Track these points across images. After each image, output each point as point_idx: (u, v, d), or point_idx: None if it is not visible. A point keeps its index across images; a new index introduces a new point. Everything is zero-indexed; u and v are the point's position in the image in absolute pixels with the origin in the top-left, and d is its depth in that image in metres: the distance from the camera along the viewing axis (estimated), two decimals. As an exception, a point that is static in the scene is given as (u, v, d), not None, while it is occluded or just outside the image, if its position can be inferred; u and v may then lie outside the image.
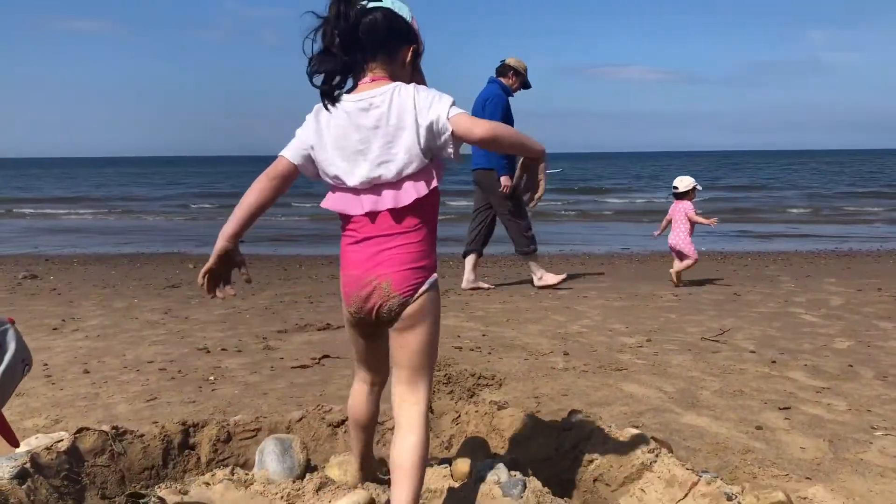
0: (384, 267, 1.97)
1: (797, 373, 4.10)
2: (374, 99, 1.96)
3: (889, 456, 2.87)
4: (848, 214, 20.04)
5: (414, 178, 1.97)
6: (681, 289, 7.28)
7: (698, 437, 3.08)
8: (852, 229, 16.04)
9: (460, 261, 7.89)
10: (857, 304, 6.33)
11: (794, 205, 22.90)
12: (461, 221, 17.90)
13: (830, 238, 13.97)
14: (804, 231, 15.63)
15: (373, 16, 1.95)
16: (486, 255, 8.17)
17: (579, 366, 4.23)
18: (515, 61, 7.31)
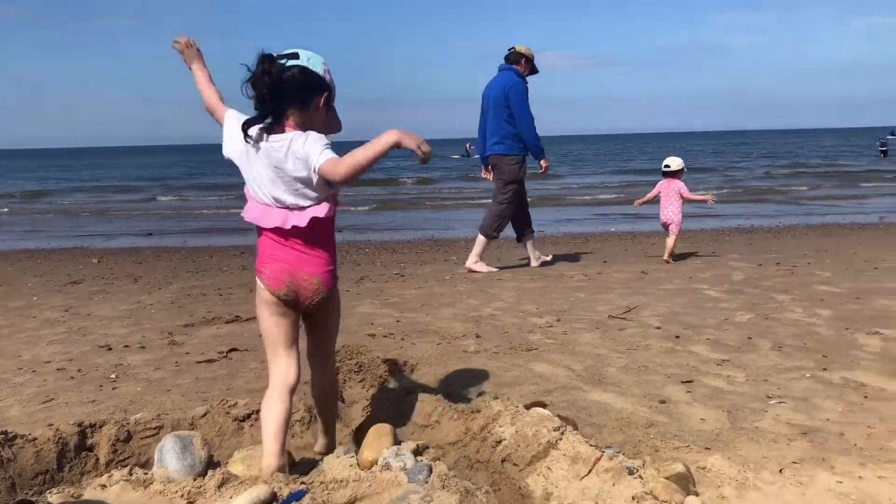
0: (313, 267, 2.47)
1: (700, 347, 4.23)
2: (279, 144, 2.39)
3: (782, 423, 2.99)
4: (754, 193, 20.85)
5: (314, 205, 2.42)
6: (590, 269, 7.43)
7: (604, 413, 3.14)
8: (756, 207, 16.69)
9: (375, 247, 7.84)
10: (758, 278, 6.59)
11: (704, 183, 23.70)
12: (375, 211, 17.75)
13: (736, 216, 14.51)
14: (712, 210, 16.18)
15: (291, 73, 2.38)
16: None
17: (491, 348, 4.25)
18: (526, 49, 7.40)
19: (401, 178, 30.38)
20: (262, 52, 2.39)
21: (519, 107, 7.15)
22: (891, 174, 26.18)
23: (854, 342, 4.24)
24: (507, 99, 7.12)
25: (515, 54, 7.38)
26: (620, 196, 20.57)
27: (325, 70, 2.46)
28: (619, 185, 25.31)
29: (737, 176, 27.79)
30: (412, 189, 25.71)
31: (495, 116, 7.23)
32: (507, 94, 7.12)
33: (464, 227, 13.68)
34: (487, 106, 7.35)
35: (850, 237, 10.04)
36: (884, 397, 3.29)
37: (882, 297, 5.48)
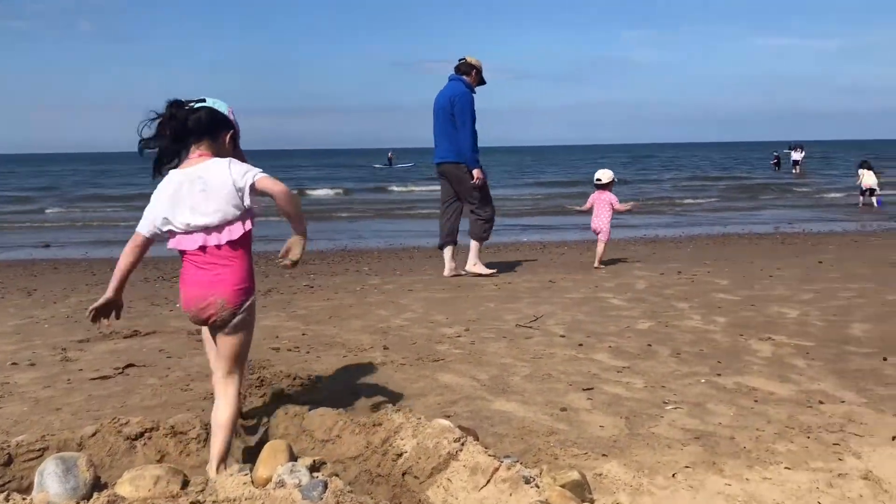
0: (219, 287, 2.62)
1: (602, 354, 4.32)
2: (199, 171, 2.63)
3: (676, 428, 3.08)
4: (660, 204, 21.51)
5: (231, 224, 2.63)
6: (499, 278, 7.50)
7: (506, 422, 3.16)
8: (660, 218, 17.22)
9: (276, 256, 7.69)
10: (660, 286, 6.79)
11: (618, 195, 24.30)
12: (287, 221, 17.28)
13: (642, 226, 14.93)
14: (619, 220, 16.60)
15: (198, 114, 2.70)
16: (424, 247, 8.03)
17: (398, 359, 4.23)
18: (475, 60, 7.56)
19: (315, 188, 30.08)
20: (170, 99, 2.70)
21: (461, 116, 7.31)
22: (783, 186, 27.48)
23: (747, 348, 4.42)
24: (452, 107, 7.29)
25: (466, 65, 7.53)
26: (532, 207, 20.92)
27: (230, 111, 2.80)
28: (532, 196, 25.72)
29: (645, 189, 28.65)
30: (326, 199, 25.47)
31: (444, 125, 7.40)
32: (453, 103, 7.29)
33: (377, 237, 13.63)
34: (435, 115, 7.53)
35: (747, 247, 10.47)
36: (772, 401, 3.43)
37: (775, 304, 5.73)
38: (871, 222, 14.78)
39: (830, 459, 2.71)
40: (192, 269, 2.66)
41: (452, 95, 7.34)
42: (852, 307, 5.58)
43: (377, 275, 8.10)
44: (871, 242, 10.53)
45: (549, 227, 15.17)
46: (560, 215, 17.59)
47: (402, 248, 11.73)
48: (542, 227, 15.46)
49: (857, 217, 16.16)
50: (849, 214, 16.85)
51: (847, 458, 2.72)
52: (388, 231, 14.97)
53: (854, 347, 4.39)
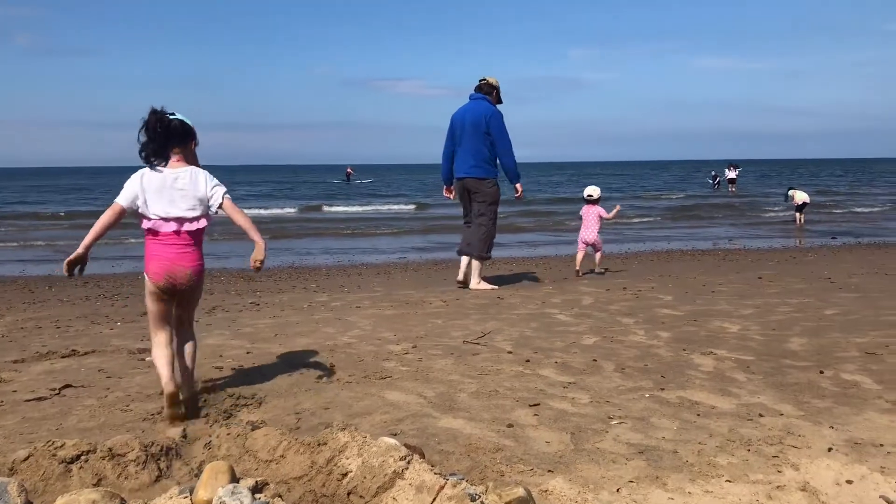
0: (187, 262, 3.52)
1: (548, 370, 4.35)
2: (180, 174, 3.51)
3: (621, 443, 3.10)
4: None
5: (198, 218, 3.54)
6: (449, 294, 7.51)
7: (453, 439, 3.15)
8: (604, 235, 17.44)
9: (231, 275, 7.60)
10: (605, 302, 6.87)
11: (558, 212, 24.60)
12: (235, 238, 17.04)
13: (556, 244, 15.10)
14: (566, 238, 16.80)
15: (175, 123, 3.50)
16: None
17: (344, 377, 4.19)
18: (495, 80, 7.87)
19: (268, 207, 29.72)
20: (153, 108, 3.47)
21: (500, 135, 7.63)
22: (724, 203, 28.15)
23: (690, 362, 4.49)
24: (488, 126, 7.58)
25: (488, 85, 7.80)
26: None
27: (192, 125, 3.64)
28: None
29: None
30: (276, 216, 25.18)
31: (473, 142, 7.64)
32: (488, 123, 7.59)
33: (325, 255, 13.54)
34: (462, 131, 7.72)
35: (690, 263, 10.69)
36: (714, 414, 3.48)
37: (717, 319, 5.85)
38: (809, 238, 15.23)
39: (770, 472, 2.76)
40: (161, 247, 3.50)
41: (487, 115, 7.60)
42: (790, 321, 5.72)
43: (325, 292, 8.03)
44: (807, 259, 10.85)
45: (500, 245, 15.26)
46: (513, 233, 17.72)
47: (350, 264, 11.67)
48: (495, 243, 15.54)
49: (795, 234, 16.64)
50: (786, 231, 17.34)
51: (786, 470, 2.78)
52: (336, 249, 14.88)
53: (792, 361, 4.50)
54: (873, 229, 17.51)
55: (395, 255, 13.13)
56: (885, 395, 3.76)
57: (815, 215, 20.81)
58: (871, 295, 6.97)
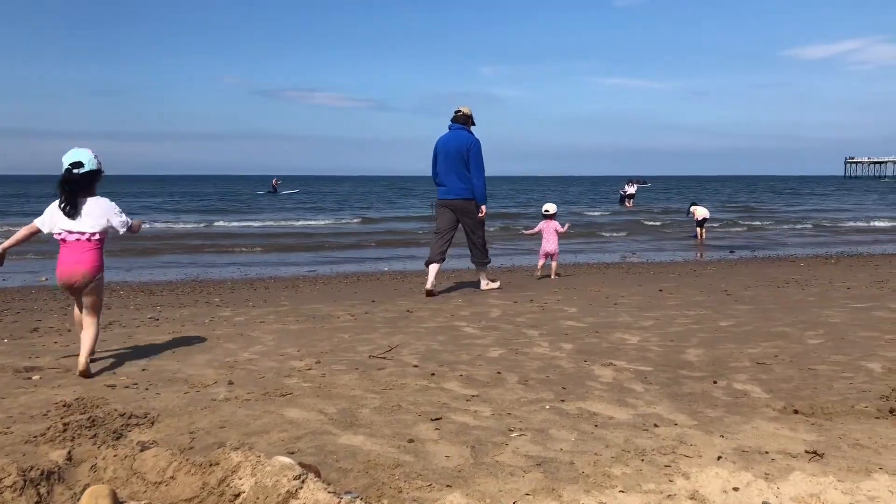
0: (85, 266, 4.55)
1: (452, 383, 4.35)
2: (89, 207, 4.60)
3: (520, 455, 3.12)
4: (514, 234, 22.11)
5: (101, 233, 4.61)
6: (357, 308, 7.44)
7: (352, 456, 3.10)
8: (515, 247, 17.70)
9: (132, 288, 7.32)
10: (512, 314, 6.94)
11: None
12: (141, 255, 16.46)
13: (499, 255, 15.28)
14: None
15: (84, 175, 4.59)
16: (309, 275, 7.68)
17: (243, 395, 4.08)
18: (468, 110, 8.88)
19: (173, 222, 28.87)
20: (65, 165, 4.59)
21: (477, 161, 8.67)
22: (629, 219, 29.01)
23: (590, 374, 4.57)
24: (469, 154, 8.61)
25: (464, 116, 8.83)
26: (393, 238, 20.98)
27: (95, 156, 4.68)
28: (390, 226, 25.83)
29: (503, 221, 29.41)
30: (183, 229, 24.47)
31: (458, 167, 8.67)
32: (469, 151, 8.61)
33: (231, 269, 13.23)
34: (447, 157, 8.70)
35: (595, 275, 10.93)
36: (611, 425, 3.55)
37: (618, 331, 5.99)
38: (708, 252, 15.83)
39: (662, 481, 2.82)
40: (68, 253, 4.59)
41: (468, 143, 8.64)
42: (688, 333, 5.91)
43: (228, 306, 7.83)
44: (706, 272, 11.25)
45: (410, 257, 15.26)
46: (412, 245, 17.74)
47: (257, 278, 11.43)
48: (403, 257, 15.53)
49: (695, 248, 17.26)
50: (687, 246, 17.97)
51: (677, 479, 2.85)
52: (244, 261, 14.57)
53: (688, 371, 4.64)
54: (768, 244, 18.35)
55: (305, 269, 12.94)
56: (772, 403, 3.91)
57: (715, 231, 21.67)
58: (763, 307, 7.28)
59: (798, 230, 23.66)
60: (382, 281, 10.75)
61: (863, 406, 3.81)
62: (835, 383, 4.30)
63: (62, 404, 3.83)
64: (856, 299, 7.71)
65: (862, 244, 17.59)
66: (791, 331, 5.94)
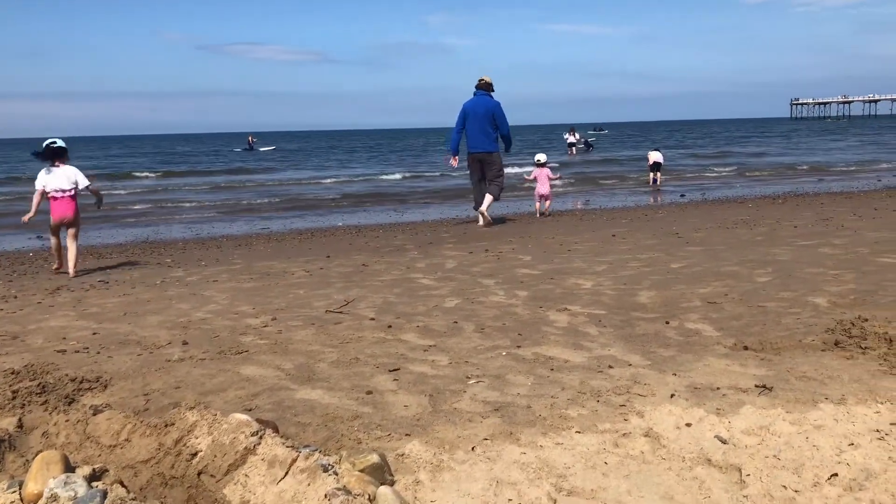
0: (70, 211, 7.31)
1: (410, 334, 4.35)
2: (65, 170, 7.35)
3: (478, 402, 3.15)
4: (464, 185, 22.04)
5: (74, 189, 7.39)
6: (313, 264, 7.38)
7: (310, 410, 3.10)
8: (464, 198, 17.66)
9: (81, 252, 7.15)
10: (468, 265, 6.96)
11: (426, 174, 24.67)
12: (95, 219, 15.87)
13: (453, 207, 15.27)
14: (432, 203, 16.89)
15: (61, 147, 7.46)
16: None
17: (198, 354, 4.04)
18: (489, 78, 10.74)
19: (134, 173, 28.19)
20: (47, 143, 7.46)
21: (502, 120, 10.67)
22: (581, 167, 29.15)
23: (546, 319, 4.62)
24: (494, 116, 10.53)
25: (487, 84, 10.71)
26: (342, 194, 20.79)
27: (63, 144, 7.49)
28: (345, 180, 25.57)
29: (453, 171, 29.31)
30: (139, 186, 23.86)
31: (483, 126, 10.54)
32: (494, 113, 10.53)
33: (185, 229, 13.00)
34: (474, 118, 10.56)
35: (548, 223, 10.98)
36: (566, 368, 3.60)
37: (572, 277, 6.04)
38: (661, 196, 16.02)
39: (617, 421, 2.88)
40: (57, 204, 7.25)
41: (492, 107, 10.55)
42: (640, 276, 6.00)
43: (180, 266, 7.71)
44: (658, 216, 11.39)
45: (364, 210, 15.16)
46: (371, 201, 17.61)
47: (209, 237, 11.25)
48: (358, 210, 15.42)
49: (647, 192, 17.45)
50: (638, 191, 18.15)
51: (632, 418, 2.90)
52: (196, 219, 14.31)
53: (640, 314, 4.71)
54: (720, 185, 18.63)
55: (258, 226, 12.77)
56: (722, 341, 4.00)
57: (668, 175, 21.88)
58: (713, 248, 7.41)
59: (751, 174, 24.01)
60: (337, 236, 10.66)
61: (809, 340, 3.92)
62: (783, 319, 4.41)
63: (10, 372, 3.74)
64: (802, 237, 7.89)
65: (807, 183, 17.96)
66: (740, 270, 6.06)
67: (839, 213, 10.28)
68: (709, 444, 2.62)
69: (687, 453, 2.57)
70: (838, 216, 9.78)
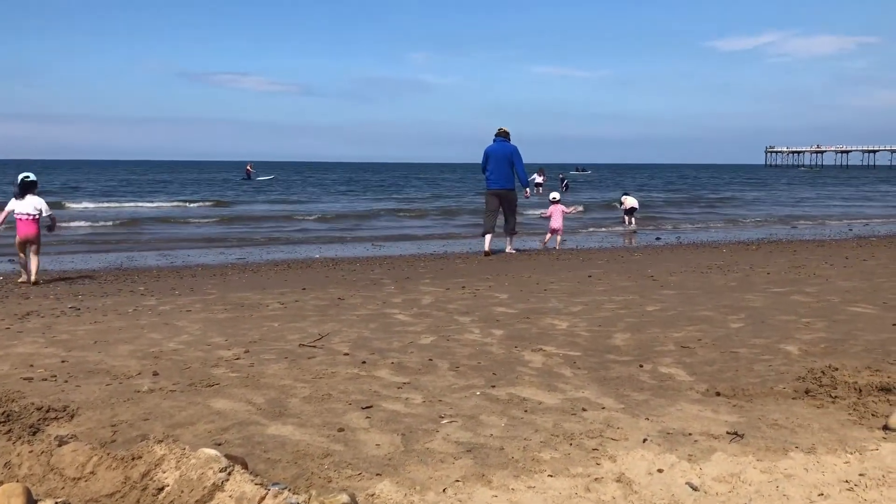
0: (33, 231, 8.96)
1: (384, 371, 4.33)
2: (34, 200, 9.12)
3: (450, 442, 3.13)
4: (447, 216, 22.16)
5: (37, 214, 9.06)
6: (287, 296, 7.34)
7: (280, 447, 3.06)
8: (448, 227, 17.73)
9: (52, 277, 7.04)
10: (445, 301, 6.96)
11: (402, 210, 24.73)
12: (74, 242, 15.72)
13: (431, 243, 15.28)
14: (409, 233, 16.91)
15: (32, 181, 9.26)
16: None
17: (168, 386, 3.98)
18: (508, 129, 12.39)
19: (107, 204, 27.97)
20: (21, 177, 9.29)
21: (520, 163, 12.26)
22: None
23: (520, 359, 4.62)
24: (512, 159, 12.14)
25: (505, 133, 12.36)
26: (320, 224, 20.77)
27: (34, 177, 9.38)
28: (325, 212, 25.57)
29: (439, 204, 29.43)
30: (118, 215, 23.67)
31: (504, 168, 12.18)
32: (512, 157, 12.16)
33: (160, 257, 12.89)
34: (497, 160, 12.15)
35: (525, 262, 11.03)
36: (541, 410, 3.59)
37: (548, 317, 6.06)
38: (638, 236, 16.16)
39: (589, 465, 2.87)
40: (23, 224, 8.85)
41: (511, 151, 12.17)
42: (615, 318, 6.03)
43: (153, 295, 7.63)
44: (634, 258, 11.48)
45: (343, 241, 15.14)
46: (342, 229, 17.59)
47: (184, 265, 11.16)
48: (336, 241, 15.39)
49: (623, 234, 17.61)
50: (615, 232, 18.31)
51: (604, 462, 2.90)
52: (169, 248, 14.20)
53: (615, 356, 4.73)
54: (695, 230, 18.84)
55: (233, 256, 12.70)
56: (695, 386, 4.02)
57: (645, 219, 22.11)
58: (688, 292, 7.47)
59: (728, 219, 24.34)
60: (314, 268, 10.62)
61: (781, 387, 3.95)
62: (755, 365, 4.45)
63: (-26, 399, 3.67)
64: (775, 284, 7.99)
65: (782, 230, 18.22)
66: (714, 315, 6.12)
67: (811, 260, 10.43)
68: (680, 491, 2.62)
69: (658, 499, 2.57)
70: (810, 264, 9.92)
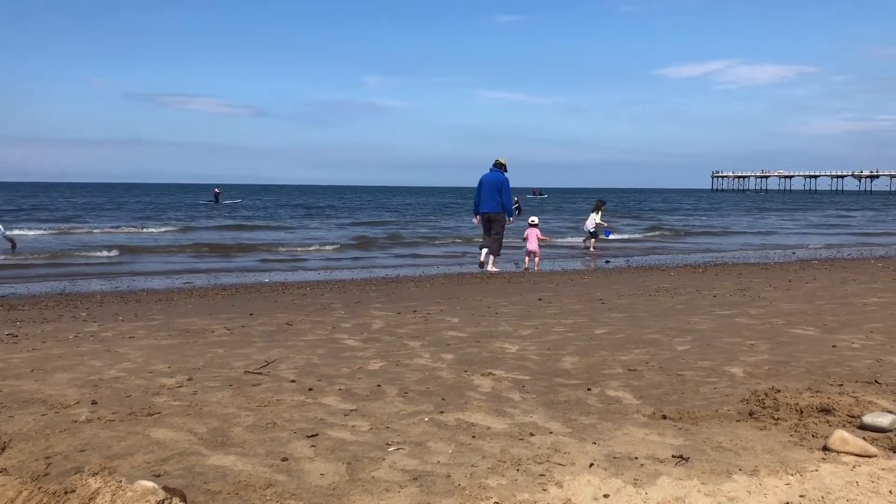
0: None
1: (331, 398, 4.26)
2: None
3: (397, 470, 3.08)
4: (402, 244, 22.12)
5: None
6: (235, 322, 7.22)
7: (221, 477, 2.98)
8: (398, 258, 17.69)
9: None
10: (395, 325, 6.91)
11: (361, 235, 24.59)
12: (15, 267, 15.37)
13: (382, 267, 15.23)
14: (359, 259, 16.82)
15: None
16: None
17: (107, 415, 3.86)
18: (504, 160, 13.56)
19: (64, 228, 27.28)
20: None
21: (507, 192, 13.46)
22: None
23: (470, 384, 4.59)
24: (500, 187, 13.34)
25: (501, 164, 13.53)
26: (277, 249, 20.56)
27: None
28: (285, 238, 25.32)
29: (393, 229, 29.36)
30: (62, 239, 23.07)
31: (493, 194, 13.34)
32: (501, 186, 13.34)
33: (104, 282, 12.59)
34: (488, 187, 13.38)
35: (478, 285, 11.05)
36: (489, 435, 3.57)
37: (498, 340, 6.06)
38: (588, 262, 16.32)
39: (536, 490, 2.85)
40: None
41: (501, 180, 13.39)
42: (564, 341, 6.05)
43: (96, 321, 7.43)
44: (584, 281, 11.59)
45: (293, 269, 14.98)
46: (308, 259, 17.43)
47: (129, 290, 10.91)
48: (288, 267, 15.23)
49: (574, 256, 17.77)
50: (564, 255, 18.47)
51: (550, 487, 2.88)
52: (116, 272, 13.89)
53: (563, 379, 4.74)
54: (643, 253, 19.12)
55: (180, 281, 12.46)
56: (642, 409, 4.04)
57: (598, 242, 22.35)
58: (636, 315, 7.55)
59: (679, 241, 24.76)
60: (262, 292, 10.48)
61: (725, 409, 3.99)
62: (701, 388, 4.50)
63: None
64: (721, 306, 8.12)
65: (727, 253, 18.60)
66: (661, 337, 6.19)
67: (756, 283, 10.64)
68: (626, 516, 2.62)
69: (604, 525, 2.56)
70: (755, 287, 10.12)
